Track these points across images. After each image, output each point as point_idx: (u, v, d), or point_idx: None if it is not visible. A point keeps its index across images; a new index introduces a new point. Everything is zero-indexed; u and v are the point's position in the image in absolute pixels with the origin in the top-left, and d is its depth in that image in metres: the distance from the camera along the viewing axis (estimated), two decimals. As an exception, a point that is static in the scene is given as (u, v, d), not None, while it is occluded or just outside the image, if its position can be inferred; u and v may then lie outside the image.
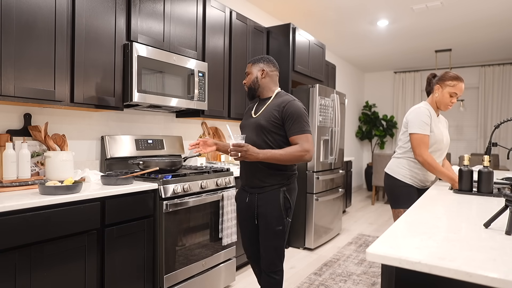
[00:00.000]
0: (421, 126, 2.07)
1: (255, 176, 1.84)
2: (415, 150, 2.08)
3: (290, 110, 1.76)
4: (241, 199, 1.95)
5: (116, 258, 1.87)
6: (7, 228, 1.43)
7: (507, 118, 6.63)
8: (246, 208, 1.92)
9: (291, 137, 1.77)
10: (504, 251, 0.88)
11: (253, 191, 1.87)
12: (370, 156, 8.20)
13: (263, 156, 1.69)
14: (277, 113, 1.78)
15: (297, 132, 1.75)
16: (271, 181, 1.81)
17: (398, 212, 2.22)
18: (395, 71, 7.87)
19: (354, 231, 4.40)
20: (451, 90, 2.09)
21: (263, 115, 1.83)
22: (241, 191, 1.98)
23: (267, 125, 1.79)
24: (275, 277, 1.83)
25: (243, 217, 1.95)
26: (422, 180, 2.20)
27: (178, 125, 3.12)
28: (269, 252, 1.82)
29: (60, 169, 1.95)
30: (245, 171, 1.90)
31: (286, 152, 1.71)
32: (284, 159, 1.71)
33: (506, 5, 4.11)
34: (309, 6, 4.27)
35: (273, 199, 1.81)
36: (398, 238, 0.98)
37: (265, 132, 1.79)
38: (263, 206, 1.82)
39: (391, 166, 2.28)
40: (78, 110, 2.27)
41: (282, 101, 1.81)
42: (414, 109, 2.15)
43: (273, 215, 1.80)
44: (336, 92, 3.93)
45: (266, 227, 1.81)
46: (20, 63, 1.73)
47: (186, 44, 2.68)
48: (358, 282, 2.81)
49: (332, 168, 3.96)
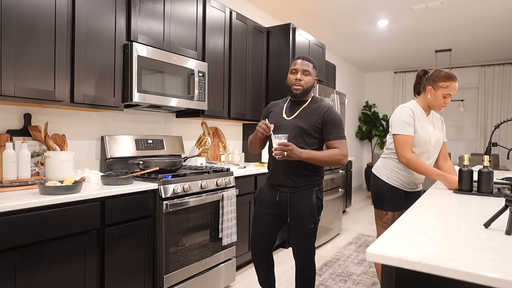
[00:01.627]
0: (403, 126, 1.98)
1: (289, 176, 1.88)
2: (398, 151, 1.99)
3: (331, 116, 1.87)
4: (271, 195, 1.96)
5: (116, 258, 1.87)
6: (7, 228, 1.43)
7: (507, 118, 6.63)
8: (275, 205, 1.94)
9: (331, 141, 1.86)
10: (504, 251, 0.88)
11: (285, 190, 1.91)
12: (370, 156, 8.20)
13: (306, 156, 1.74)
14: (319, 118, 1.87)
15: (337, 137, 1.86)
16: (305, 182, 1.88)
17: (380, 213, 2.14)
18: (395, 71, 7.87)
19: (354, 231, 4.40)
20: (444, 92, 1.98)
21: (302, 118, 1.88)
22: (269, 188, 1.98)
23: (308, 128, 1.85)
24: (308, 272, 1.93)
25: (268, 212, 1.96)
26: (409, 183, 2.10)
27: (178, 125, 3.12)
28: (301, 249, 1.90)
29: (60, 169, 1.95)
30: (278, 170, 1.91)
31: (327, 154, 1.80)
32: (324, 161, 1.79)
33: (506, 5, 4.11)
34: (309, 6, 4.27)
35: (306, 198, 1.88)
36: (398, 238, 0.98)
37: (304, 134, 1.85)
38: (296, 206, 1.88)
39: (377, 167, 2.20)
40: (78, 110, 2.28)
41: (323, 106, 1.90)
42: (397, 109, 2.06)
43: (307, 214, 1.87)
44: (336, 92, 3.93)
45: (299, 225, 1.88)
46: (20, 63, 1.73)
47: (186, 44, 2.68)
48: (358, 282, 2.81)
49: (332, 168, 3.96)
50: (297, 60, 1.93)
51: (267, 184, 2.01)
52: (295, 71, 1.91)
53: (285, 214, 1.93)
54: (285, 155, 1.69)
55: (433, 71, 2.05)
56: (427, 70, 2.10)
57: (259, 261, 2.03)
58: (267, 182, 2.02)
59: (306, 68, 1.90)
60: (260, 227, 1.99)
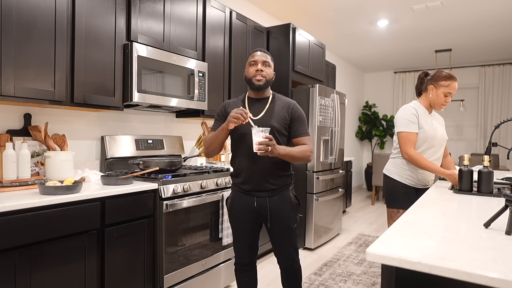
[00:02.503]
0: (406, 124, 2.10)
1: (267, 179, 1.79)
2: (401, 148, 2.11)
3: (298, 112, 1.84)
4: (246, 202, 1.83)
5: (116, 258, 1.87)
6: (7, 228, 1.43)
7: (507, 118, 6.63)
8: (253, 212, 1.83)
9: (299, 138, 1.82)
10: (504, 251, 0.88)
11: (263, 195, 1.81)
12: (370, 156, 8.20)
13: (283, 152, 1.67)
14: (287, 115, 1.81)
15: (304, 133, 1.83)
16: (280, 183, 1.83)
17: (392, 211, 2.22)
18: (395, 71, 7.87)
19: (354, 231, 4.40)
20: (445, 90, 2.10)
21: (271, 116, 1.79)
22: (242, 195, 1.85)
23: (280, 127, 1.79)
24: (296, 267, 1.91)
25: (247, 220, 1.85)
26: (420, 179, 2.18)
27: (178, 125, 3.12)
28: (290, 251, 1.87)
29: (60, 169, 1.95)
30: (254, 174, 1.78)
31: (299, 150, 1.75)
32: (297, 157, 1.73)
33: (507, 5, 4.11)
34: (309, 6, 4.27)
35: (286, 200, 1.84)
36: (398, 238, 0.98)
37: (276, 133, 1.78)
38: (277, 209, 1.81)
39: (388, 167, 2.29)
40: (78, 110, 2.27)
41: (288, 103, 1.85)
42: (401, 109, 2.19)
43: (289, 215, 1.83)
44: (336, 92, 3.93)
45: (283, 228, 1.82)
46: (20, 63, 1.73)
47: (186, 44, 2.68)
48: (358, 282, 2.81)
49: (332, 168, 3.96)
50: (255, 52, 1.83)
51: (239, 191, 1.86)
52: (254, 63, 1.80)
53: (266, 219, 1.83)
54: (268, 150, 1.57)
55: (435, 72, 2.19)
56: (428, 72, 2.24)
57: (244, 272, 1.94)
58: (239, 188, 1.86)
59: (266, 59, 1.81)
60: (243, 238, 1.88)
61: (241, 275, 1.95)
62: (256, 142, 1.58)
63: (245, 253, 1.91)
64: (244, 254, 1.91)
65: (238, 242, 1.91)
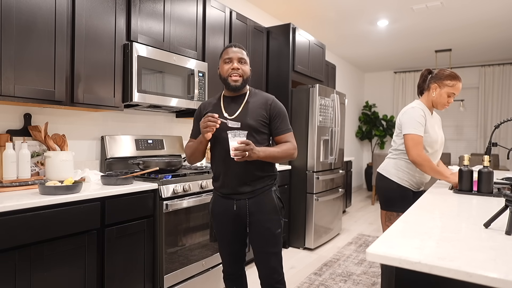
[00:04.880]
0: (416, 127, 1.98)
1: (245, 182, 1.65)
2: (411, 151, 1.98)
3: (278, 108, 1.70)
4: (226, 206, 1.71)
5: (116, 258, 1.87)
6: (7, 228, 1.43)
7: (507, 118, 6.63)
8: (233, 217, 1.71)
9: (281, 135, 1.70)
10: (504, 251, 0.88)
11: (242, 197, 1.67)
12: (370, 156, 8.20)
13: (263, 155, 1.56)
14: (265, 112, 1.68)
15: (287, 130, 1.71)
16: (261, 184, 1.69)
17: (390, 214, 2.13)
18: (395, 71, 7.87)
19: (354, 231, 4.40)
20: (449, 90, 2.01)
21: (247, 114, 1.66)
22: (221, 199, 1.73)
23: (257, 125, 1.65)
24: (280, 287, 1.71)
25: (229, 225, 1.73)
26: (418, 183, 2.13)
27: (178, 125, 3.12)
28: (271, 260, 1.68)
29: (60, 169, 1.95)
30: (231, 177, 1.66)
31: (282, 149, 1.64)
32: (279, 157, 1.63)
33: (507, 5, 4.11)
34: (309, 6, 4.27)
35: (268, 202, 1.68)
36: (398, 238, 0.98)
37: (253, 133, 1.64)
38: (258, 212, 1.66)
39: (386, 167, 2.17)
40: (78, 110, 2.27)
41: (266, 98, 1.71)
42: (408, 110, 2.07)
43: (271, 218, 1.67)
44: (336, 92, 3.93)
45: (264, 233, 1.66)
46: (20, 63, 1.72)
47: (186, 44, 2.68)
48: (358, 282, 2.81)
49: (332, 168, 3.96)
50: (229, 48, 1.68)
51: (219, 195, 1.74)
52: (229, 60, 1.66)
53: (245, 224, 1.70)
54: (246, 155, 1.48)
55: (438, 70, 2.08)
56: (431, 70, 2.13)
57: (231, 281, 1.83)
58: (219, 192, 1.74)
59: (241, 55, 1.67)
60: (224, 245, 1.77)
61: (229, 284, 1.84)
62: (232, 147, 1.49)
63: (229, 261, 1.79)
64: (229, 263, 1.79)
65: (222, 249, 1.79)
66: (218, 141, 1.67)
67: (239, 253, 1.79)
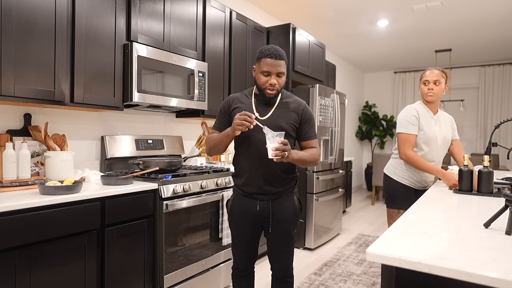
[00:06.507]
0: (406, 125, 2.14)
1: (271, 182, 1.69)
2: (400, 149, 2.15)
3: (308, 114, 1.75)
4: (248, 205, 1.74)
5: (116, 258, 1.87)
6: (7, 228, 1.43)
7: (507, 118, 6.63)
8: (255, 218, 1.74)
9: (309, 141, 1.74)
10: (504, 251, 0.88)
11: (266, 198, 1.71)
12: (370, 156, 8.20)
13: (296, 157, 1.59)
14: (297, 116, 1.72)
15: (314, 136, 1.76)
16: (285, 186, 1.74)
17: (392, 212, 2.23)
18: (395, 71, 7.87)
19: (354, 231, 4.40)
20: (423, 79, 2.19)
21: (280, 117, 1.69)
22: (244, 198, 1.76)
23: (288, 128, 1.68)
24: (289, 280, 1.81)
25: (249, 225, 1.76)
26: (420, 181, 2.20)
27: (178, 125, 3.12)
28: (284, 258, 1.77)
29: (60, 169, 1.95)
30: (257, 177, 1.69)
31: (310, 153, 1.68)
32: (307, 161, 1.67)
33: (507, 5, 4.11)
34: (309, 6, 4.27)
35: (289, 204, 1.74)
36: (398, 238, 0.98)
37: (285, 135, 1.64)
38: (279, 213, 1.72)
39: (388, 167, 2.32)
40: (78, 110, 2.27)
41: (299, 103, 1.75)
42: (403, 109, 2.24)
43: (291, 220, 1.74)
44: (336, 92, 3.93)
45: (283, 233, 1.73)
46: (20, 63, 1.72)
47: (186, 44, 2.68)
48: (358, 282, 2.81)
49: (332, 168, 3.96)
50: (269, 59, 1.62)
51: (241, 193, 1.77)
52: (267, 74, 1.64)
53: (267, 224, 1.75)
54: (285, 155, 1.49)
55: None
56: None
57: (240, 278, 1.86)
58: (240, 191, 1.77)
59: (280, 69, 1.64)
60: (241, 244, 1.79)
61: (238, 281, 1.87)
62: (272, 148, 1.48)
63: (243, 259, 1.82)
64: (242, 260, 1.83)
65: (237, 247, 1.82)
66: (249, 139, 1.68)
67: (253, 250, 1.84)
